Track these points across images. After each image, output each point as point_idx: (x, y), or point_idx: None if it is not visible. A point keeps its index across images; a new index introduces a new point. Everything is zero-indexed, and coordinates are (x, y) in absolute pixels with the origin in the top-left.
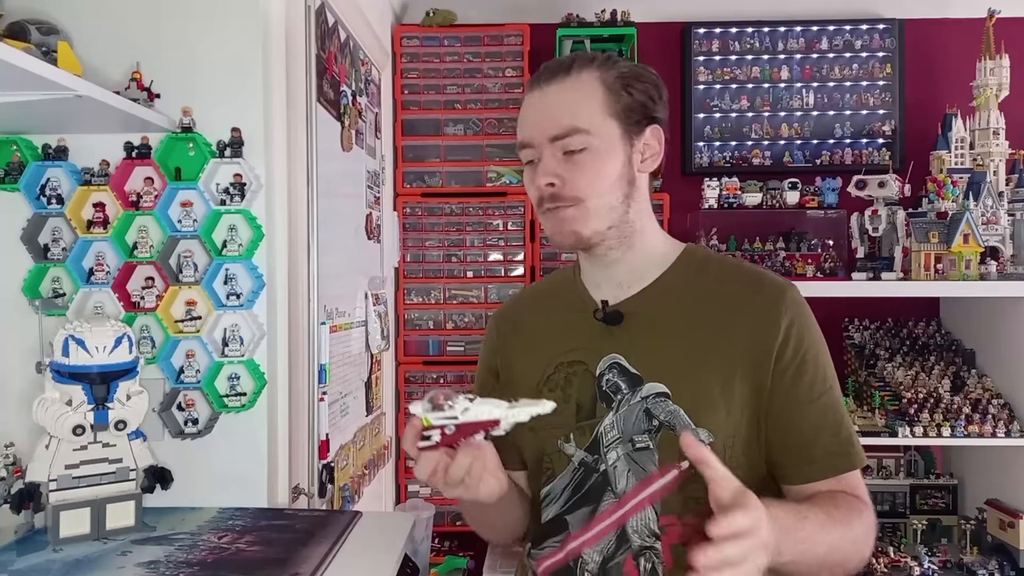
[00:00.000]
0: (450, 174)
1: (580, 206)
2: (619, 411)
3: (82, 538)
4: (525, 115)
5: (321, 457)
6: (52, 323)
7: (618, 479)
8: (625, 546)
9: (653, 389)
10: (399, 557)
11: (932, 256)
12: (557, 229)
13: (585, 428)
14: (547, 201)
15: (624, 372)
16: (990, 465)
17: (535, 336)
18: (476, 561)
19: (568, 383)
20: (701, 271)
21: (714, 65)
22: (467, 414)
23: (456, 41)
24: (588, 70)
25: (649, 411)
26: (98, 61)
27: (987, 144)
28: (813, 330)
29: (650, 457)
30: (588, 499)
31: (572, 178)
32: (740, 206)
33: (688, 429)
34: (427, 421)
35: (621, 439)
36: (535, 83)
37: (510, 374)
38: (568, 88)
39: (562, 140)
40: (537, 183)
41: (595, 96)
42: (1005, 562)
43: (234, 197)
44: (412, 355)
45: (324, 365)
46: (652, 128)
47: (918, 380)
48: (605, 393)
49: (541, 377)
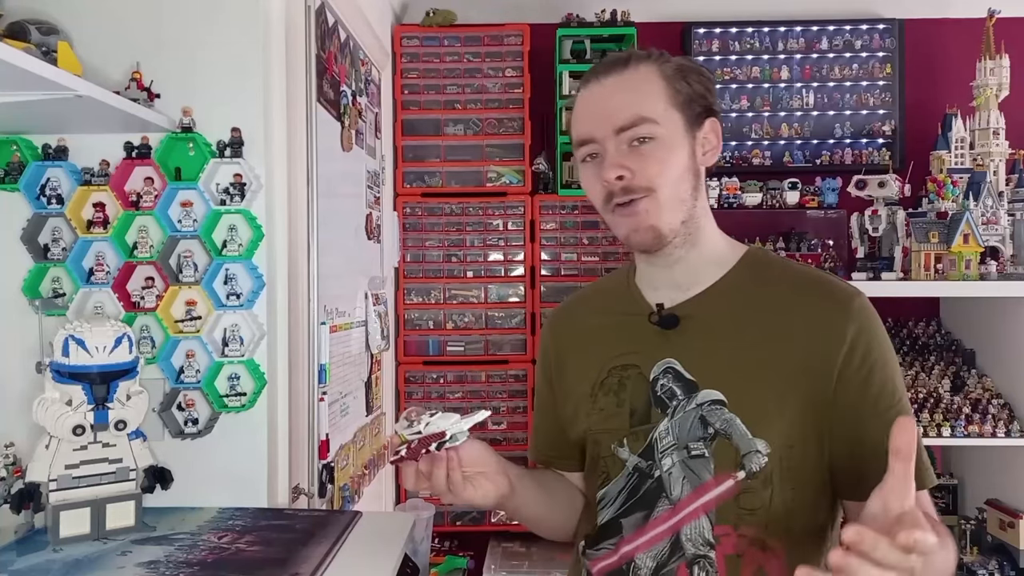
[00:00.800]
0: (450, 174)
1: (652, 197)
2: (674, 417)
3: (82, 538)
4: (584, 110)
5: (321, 457)
6: (52, 323)
7: (673, 486)
8: (679, 554)
9: (709, 396)
10: (399, 557)
11: (932, 256)
12: (632, 227)
13: (639, 433)
14: (618, 195)
15: (679, 377)
16: (990, 465)
17: (588, 339)
18: (476, 561)
19: (622, 387)
20: (763, 275)
21: (714, 65)
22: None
23: (456, 41)
24: (646, 63)
25: (704, 418)
26: (98, 61)
27: (987, 144)
28: (882, 341)
29: (705, 465)
30: (643, 504)
31: (642, 168)
32: (740, 206)
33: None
34: (402, 437)
35: (676, 445)
36: (591, 77)
37: (563, 378)
38: (628, 79)
39: (629, 130)
40: (605, 176)
41: (657, 87)
42: (1005, 562)
43: (234, 197)
44: (412, 355)
45: (324, 365)
46: (711, 120)
47: (918, 380)
48: (660, 398)
49: (595, 381)
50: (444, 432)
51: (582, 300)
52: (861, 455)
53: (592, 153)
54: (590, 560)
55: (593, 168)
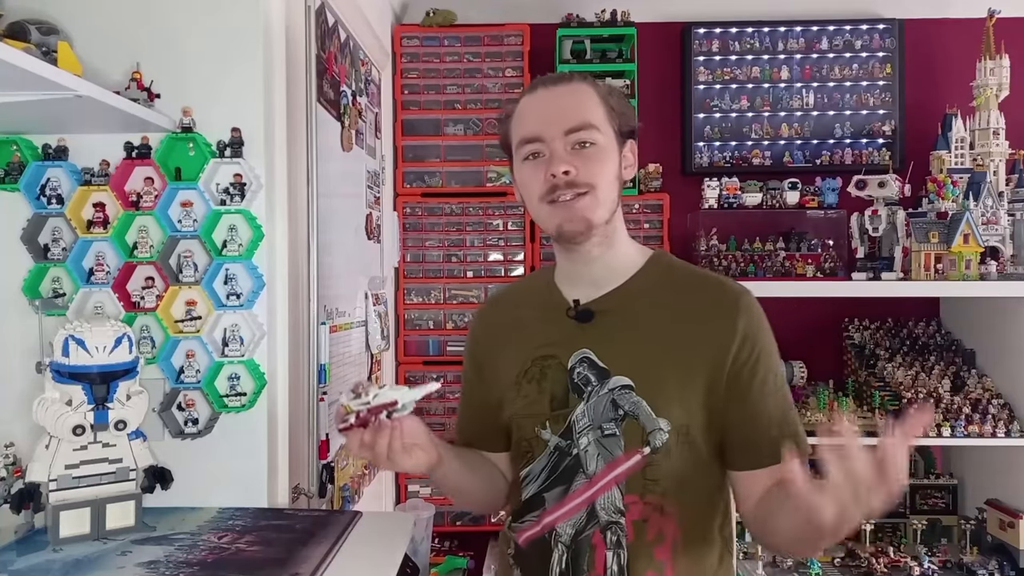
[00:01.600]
0: (450, 174)
1: (593, 193)
2: (589, 401)
3: (82, 538)
4: (532, 112)
5: (321, 457)
6: (52, 323)
7: (588, 462)
8: (594, 521)
9: (619, 382)
10: (399, 557)
11: (932, 256)
12: (568, 216)
13: (559, 416)
14: (561, 189)
15: (593, 366)
16: (990, 465)
17: (513, 332)
18: (476, 561)
19: (543, 376)
20: (667, 276)
21: (714, 65)
22: (376, 399)
23: (456, 41)
24: (585, 82)
25: (615, 401)
26: (98, 61)
27: (987, 144)
28: (767, 332)
29: (616, 443)
30: (562, 479)
31: (585, 167)
32: (740, 206)
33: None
34: (348, 408)
35: (591, 426)
36: (539, 85)
37: (494, 369)
38: (574, 92)
39: (577, 132)
40: (554, 170)
41: (596, 102)
42: (1005, 562)
43: (234, 197)
44: (412, 355)
45: (324, 365)
46: (631, 142)
47: (918, 380)
48: (576, 385)
49: (520, 371)
50: (396, 401)
51: (508, 296)
52: (749, 430)
53: (535, 152)
54: (515, 532)
55: (534, 165)
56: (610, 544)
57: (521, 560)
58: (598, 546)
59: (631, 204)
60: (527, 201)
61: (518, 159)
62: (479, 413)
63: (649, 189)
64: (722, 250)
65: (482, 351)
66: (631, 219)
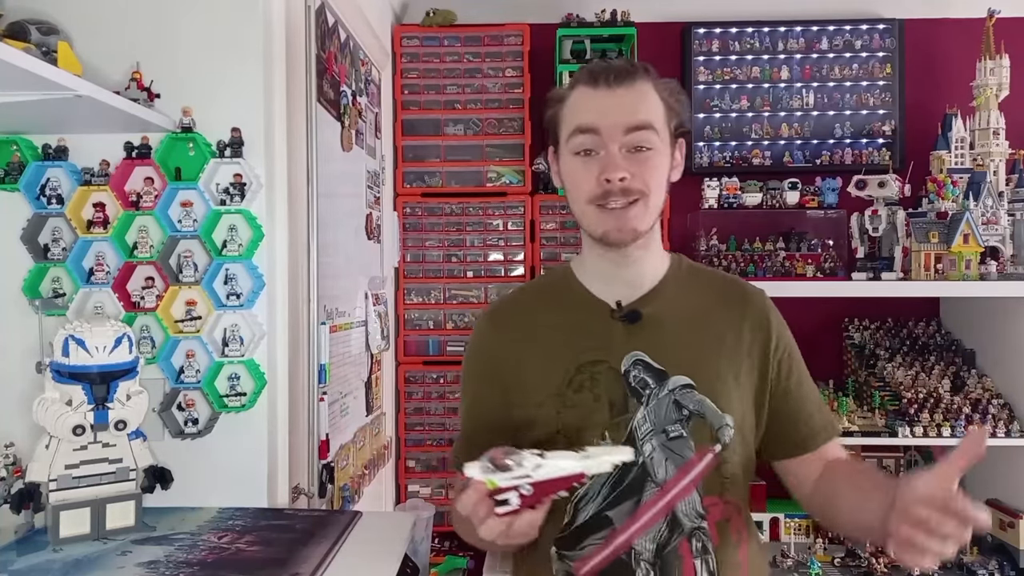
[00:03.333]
0: (450, 174)
1: (644, 201)
2: (649, 405)
3: (82, 538)
4: (590, 103)
5: (321, 457)
6: (52, 323)
7: (657, 469)
8: (678, 530)
9: (679, 381)
10: (399, 557)
11: (932, 256)
12: (618, 225)
13: (620, 424)
14: (614, 195)
15: (649, 368)
16: (990, 465)
17: (547, 339)
18: (476, 561)
19: (595, 383)
20: (694, 277)
21: (714, 65)
22: (540, 471)
23: (456, 41)
24: (646, 78)
25: (678, 402)
26: (98, 61)
27: (987, 144)
28: (787, 328)
29: (685, 444)
30: (630, 492)
31: (640, 172)
32: (740, 206)
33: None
34: (492, 483)
35: (654, 431)
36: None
37: (522, 385)
38: (638, 91)
39: (637, 132)
40: (608, 175)
41: (657, 101)
42: (1005, 562)
43: (234, 197)
44: (412, 355)
45: (324, 365)
46: (681, 141)
47: (918, 380)
48: (634, 389)
49: (563, 380)
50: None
51: (526, 299)
52: (798, 419)
53: (589, 149)
54: (574, 562)
55: (586, 163)
56: (696, 552)
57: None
58: (684, 556)
59: None
60: (572, 198)
61: (567, 150)
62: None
63: None
64: (722, 250)
65: (505, 366)
66: None
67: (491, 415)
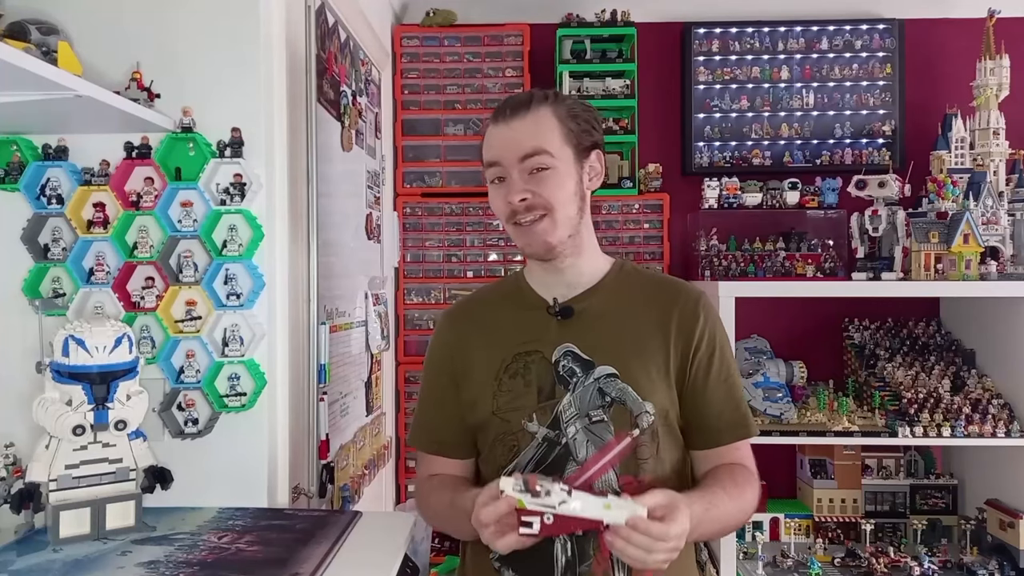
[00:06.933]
0: (450, 174)
1: (550, 216)
2: (575, 391)
3: (82, 538)
4: (493, 141)
5: (321, 457)
6: (52, 323)
7: (578, 449)
8: None
9: (604, 371)
10: (399, 557)
11: (932, 256)
12: (528, 241)
13: (546, 408)
14: (520, 214)
15: (577, 358)
16: (990, 465)
17: (492, 331)
18: None
19: (527, 369)
20: (632, 278)
21: (714, 65)
22: (564, 507)
23: (456, 41)
24: (544, 106)
25: (602, 389)
26: (98, 61)
27: (987, 144)
28: (721, 330)
29: (606, 428)
30: (553, 469)
31: (540, 190)
32: (740, 206)
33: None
34: (521, 503)
35: (578, 415)
36: (499, 117)
37: (468, 371)
38: (531, 120)
39: (530, 159)
40: (510, 199)
41: (552, 125)
42: (1005, 562)
43: (234, 197)
44: (412, 355)
45: (324, 365)
46: (596, 152)
47: (918, 380)
48: (562, 376)
49: (500, 366)
50: (601, 522)
51: (477, 300)
52: (709, 414)
53: (499, 176)
54: None
55: (499, 189)
56: None
57: (512, 561)
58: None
59: (631, 204)
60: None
61: (487, 179)
62: (453, 418)
63: (649, 189)
64: (722, 250)
65: (457, 355)
66: (631, 219)
67: (448, 401)
